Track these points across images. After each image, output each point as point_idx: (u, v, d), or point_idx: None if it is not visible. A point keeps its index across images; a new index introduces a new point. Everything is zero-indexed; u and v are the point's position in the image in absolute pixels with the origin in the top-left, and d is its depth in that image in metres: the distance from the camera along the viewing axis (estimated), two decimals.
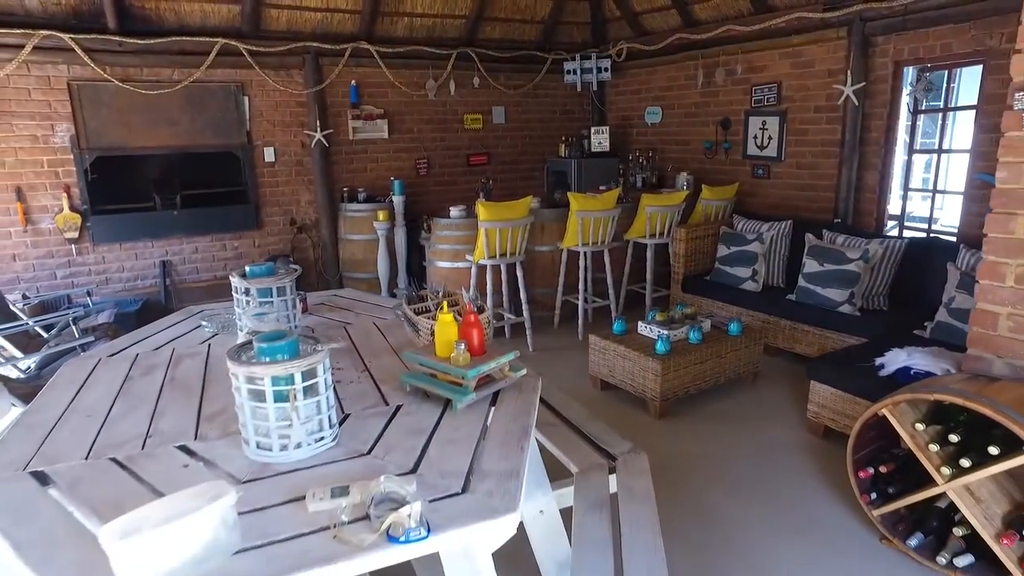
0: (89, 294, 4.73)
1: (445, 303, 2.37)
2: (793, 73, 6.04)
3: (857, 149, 5.56)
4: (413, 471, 1.69)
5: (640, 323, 4.60)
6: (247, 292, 2.68)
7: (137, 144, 6.09)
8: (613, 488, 2.38)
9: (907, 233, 5.64)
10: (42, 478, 1.71)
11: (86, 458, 1.82)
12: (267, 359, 1.70)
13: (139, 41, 5.76)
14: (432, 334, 2.26)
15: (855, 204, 5.66)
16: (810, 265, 4.97)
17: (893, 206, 5.69)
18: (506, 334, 5.68)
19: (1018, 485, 2.69)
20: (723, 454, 3.73)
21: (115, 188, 6.11)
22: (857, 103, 5.45)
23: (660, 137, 7.63)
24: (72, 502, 1.58)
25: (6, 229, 5.71)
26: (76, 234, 5.96)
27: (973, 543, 2.61)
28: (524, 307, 5.51)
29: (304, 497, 1.55)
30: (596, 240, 5.65)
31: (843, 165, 5.65)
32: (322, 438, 1.80)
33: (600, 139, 7.68)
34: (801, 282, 5.02)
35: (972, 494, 2.59)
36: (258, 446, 1.76)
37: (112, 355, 2.72)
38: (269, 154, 6.70)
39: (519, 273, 5.49)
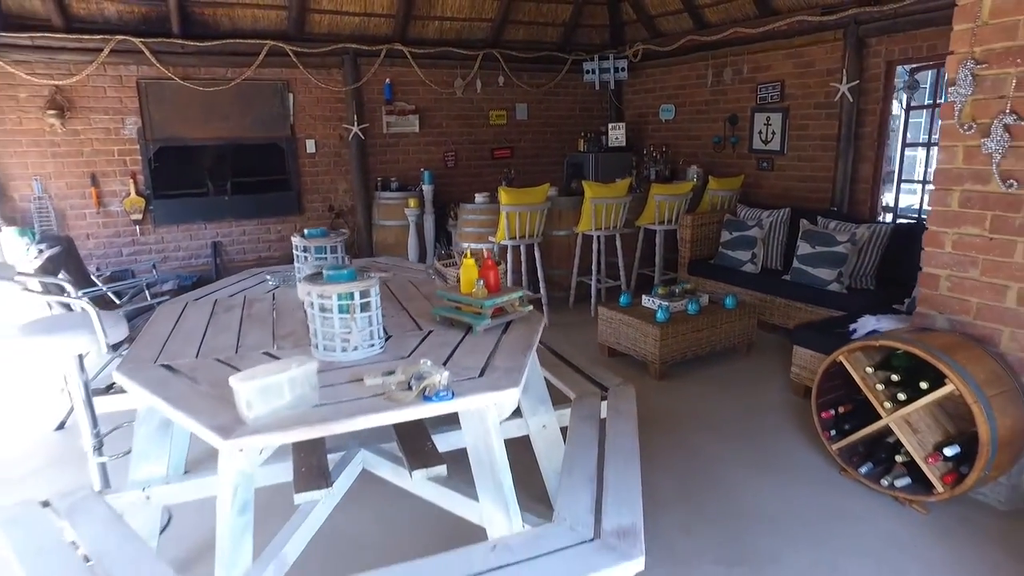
0: (155, 267, 5.36)
1: (468, 252, 2.92)
2: (795, 72, 6.49)
3: (852, 143, 6.00)
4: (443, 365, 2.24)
5: (644, 296, 5.11)
6: (306, 250, 3.26)
7: (194, 136, 6.76)
8: (604, 414, 2.89)
9: (901, 222, 6.05)
10: (169, 368, 2.30)
11: (195, 357, 2.41)
12: (334, 283, 2.27)
13: (198, 43, 6.43)
14: (458, 280, 2.81)
15: (850, 194, 6.09)
16: (803, 247, 5.43)
17: (889, 197, 6.11)
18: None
19: (950, 419, 3.15)
20: (712, 409, 4.22)
21: (174, 175, 6.79)
22: (852, 100, 5.89)
23: (673, 133, 8.12)
24: (194, 381, 2.16)
25: (82, 211, 6.41)
26: (140, 216, 6.65)
27: (912, 469, 3.08)
28: (541, 284, 6.05)
29: (362, 379, 2.11)
30: (608, 225, 6.16)
31: (839, 158, 6.09)
32: (372, 344, 2.36)
33: (617, 134, 8.18)
34: (795, 263, 5.48)
35: (910, 426, 3.06)
36: (325, 348, 2.32)
37: (196, 300, 3.33)
38: (310, 146, 7.34)
39: (536, 253, 6.02)
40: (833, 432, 3.39)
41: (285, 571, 2.28)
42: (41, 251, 4.12)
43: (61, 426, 4.05)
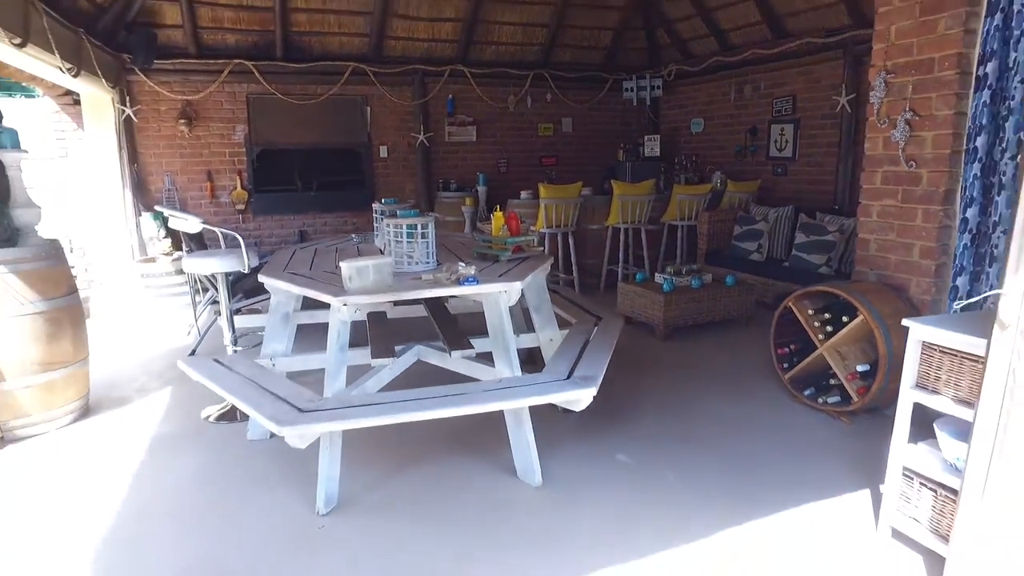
0: (256, 244, 6.66)
1: (498, 207, 3.99)
2: (804, 87, 7.36)
3: (851, 149, 6.81)
4: None
5: (656, 274, 6.07)
6: (383, 213, 4.41)
7: (288, 141, 8.13)
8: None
9: None
10: (294, 273, 3.45)
11: (309, 269, 3.56)
12: (405, 217, 3.38)
13: (296, 65, 7.81)
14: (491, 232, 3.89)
15: (850, 194, 6.89)
16: (799, 237, 6.29)
17: None
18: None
19: (872, 348, 3.99)
20: (704, 362, 5.11)
21: (271, 174, 8.16)
22: (851, 111, 6.72)
23: (702, 143, 9.04)
24: (311, 278, 3.31)
25: (199, 200, 7.83)
26: (243, 207, 8.03)
27: (843, 390, 3.95)
28: (573, 268, 7.07)
29: (420, 277, 3.20)
30: (634, 220, 7.14)
31: (840, 162, 6.91)
32: (428, 262, 3.45)
33: (652, 145, 9.16)
34: (794, 252, 6.33)
35: (840, 354, 3.93)
36: (396, 264, 3.43)
37: (302, 247, 4.52)
38: (383, 151, 8.61)
39: (571, 241, 7.05)
40: (786, 365, 4.28)
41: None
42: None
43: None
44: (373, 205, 4.49)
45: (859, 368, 3.77)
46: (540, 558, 2.58)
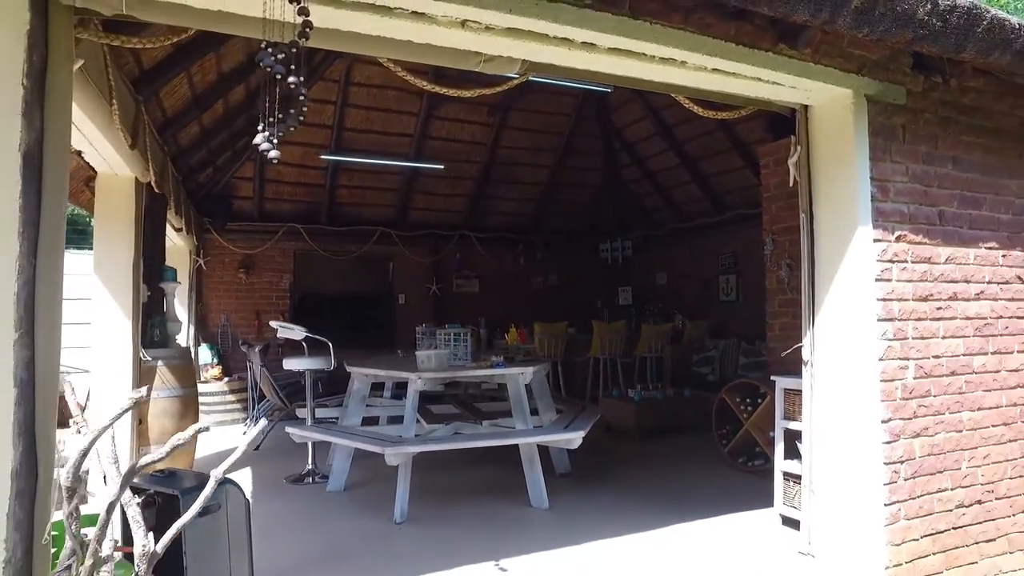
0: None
1: (512, 328, 5.60)
2: (742, 247, 9.35)
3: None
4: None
5: (629, 390, 7.59)
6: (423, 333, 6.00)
7: (325, 289, 9.86)
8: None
9: None
10: (377, 364, 4.97)
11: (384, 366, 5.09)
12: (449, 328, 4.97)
13: (337, 228, 9.75)
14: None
15: None
16: (743, 360, 7.92)
17: None
18: None
19: None
20: (667, 452, 6.49)
21: (310, 315, 9.79)
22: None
23: (667, 292, 10.93)
24: (390, 366, 4.83)
25: (247, 334, 9.37)
26: (283, 343, 9.56)
27: (766, 455, 5.36)
28: (562, 390, 8.56)
29: (464, 367, 4.74)
30: (611, 351, 8.76)
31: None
32: (467, 359, 4.99)
33: (625, 295, 11.04)
34: (739, 371, 7.92)
35: (759, 427, 5.39)
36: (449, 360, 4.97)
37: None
38: (401, 299, 10.36)
39: (559, 369, 8.61)
40: (724, 442, 5.72)
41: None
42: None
43: (257, 448, 6.60)
44: (416, 328, 6.08)
45: (772, 435, 5.23)
46: (551, 544, 3.89)
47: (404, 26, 2.45)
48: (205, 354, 8.85)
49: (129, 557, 1.96)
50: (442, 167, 9.54)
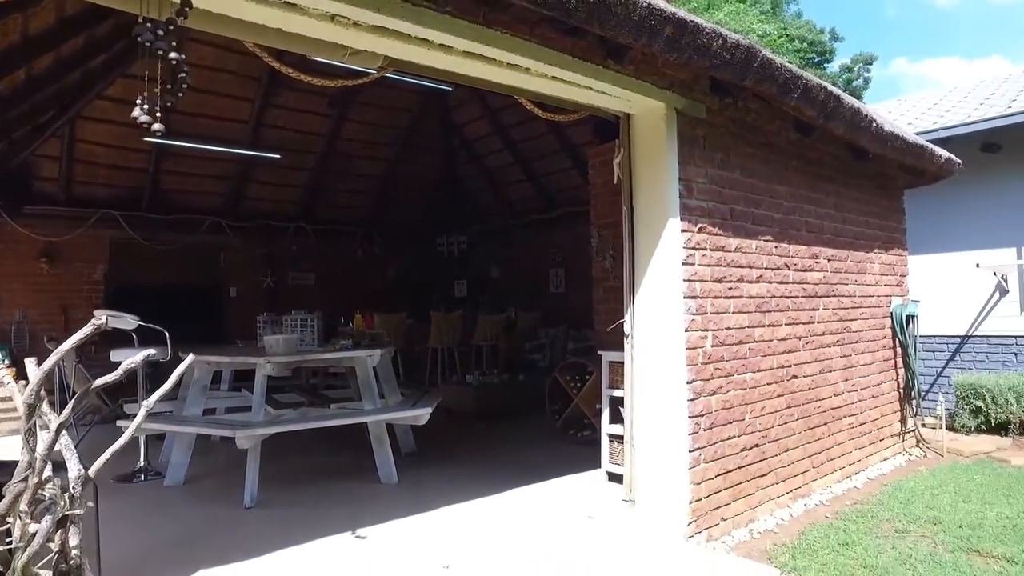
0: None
1: (358, 315, 5.73)
2: (572, 242, 10.11)
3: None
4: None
5: (467, 376, 7.99)
6: (266, 323, 5.92)
7: (146, 280, 9.19)
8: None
9: None
10: (221, 351, 4.86)
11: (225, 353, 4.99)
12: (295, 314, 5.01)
13: (161, 216, 9.13)
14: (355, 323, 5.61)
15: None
16: (571, 346, 8.63)
17: None
18: None
19: None
20: (505, 431, 6.97)
21: (127, 309, 9.06)
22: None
23: (502, 284, 11.51)
24: (234, 353, 4.76)
25: (51, 332, 8.49)
26: (97, 338, 8.78)
27: (593, 426, 5.98)
28: (401, 375, 8.74)
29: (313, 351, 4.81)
30: (448, 341, 9.10)
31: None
32: (315, 343, 5.06)
33: (461, 287, 11.45)
34: (568, 356, 8.61)
35: (587, 402, 6.01)
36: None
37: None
38: (233, 292, 9.93)
39: (399, 358, 8.78)
40: (557, 417, 6.30)
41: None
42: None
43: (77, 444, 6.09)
44: (257, 317, 5.98)
45: (598, 406, 5.87)
46: (404, 513, 4.13)
47: (276, 14, 2.58)
48: None
49: None
50: (279, 156, 9.30)
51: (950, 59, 49.84)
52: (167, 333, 5.28)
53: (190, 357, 2.44)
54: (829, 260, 5.16)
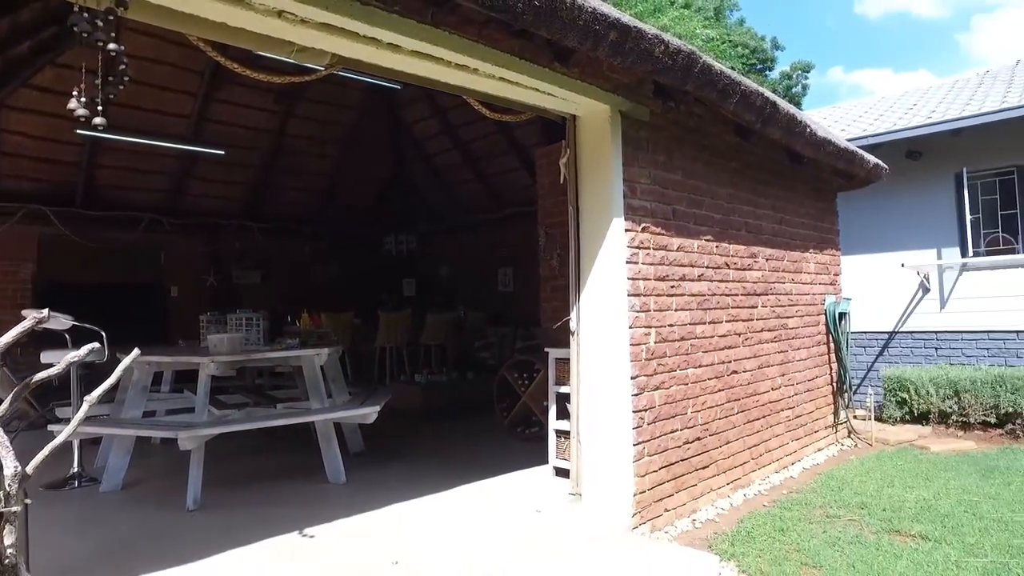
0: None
1: (305, 314, 5.66)
2: (519, 242, 10.18)
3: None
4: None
5: (415, 375, 7.97)
6: (209, 321, 5.79)
7: (79, 280, 8.83)
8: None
9: None
10: (164, 351, 4.74)
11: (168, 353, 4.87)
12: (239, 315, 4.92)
13: (95, 212, 8.80)
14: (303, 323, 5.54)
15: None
16: (519, 344, 8.70)
17: None
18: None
19: None
20: (454, 428, 6.99)
21: (58, 309, 8.70)
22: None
23: (452, 282, 11.51)
24: (178, 353, 4.65)
25: None
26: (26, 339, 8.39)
27: (541, 423, 6.06)
28: (348, 375, 8.66)
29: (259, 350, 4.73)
30: (397, 340, 9.06)
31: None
32: (260, 342, 4.98)
33: (409, 286, 11.40)
34: (516, 355, 8.68)
35: (535, 399, 6.09)
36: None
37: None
38: (174, 291, 9.64)
39: (346, 357, 8.70)
40: (505, 414, 6.35)
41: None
42: None
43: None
44: (200, 317, 5.84)
45: (545, 403, 5.95)
46: (353, 511, 4.11)
47: (221, 8, 2.55)
48: None
49: None
50: (223, 152, 9.06)
51: (883, 71, 52.21)
52: (103, 334, 5.11)
53: (135, 352, 2.37)
54: (767, 259, 5.37)
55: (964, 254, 7.46)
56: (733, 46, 22.17)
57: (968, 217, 7.37)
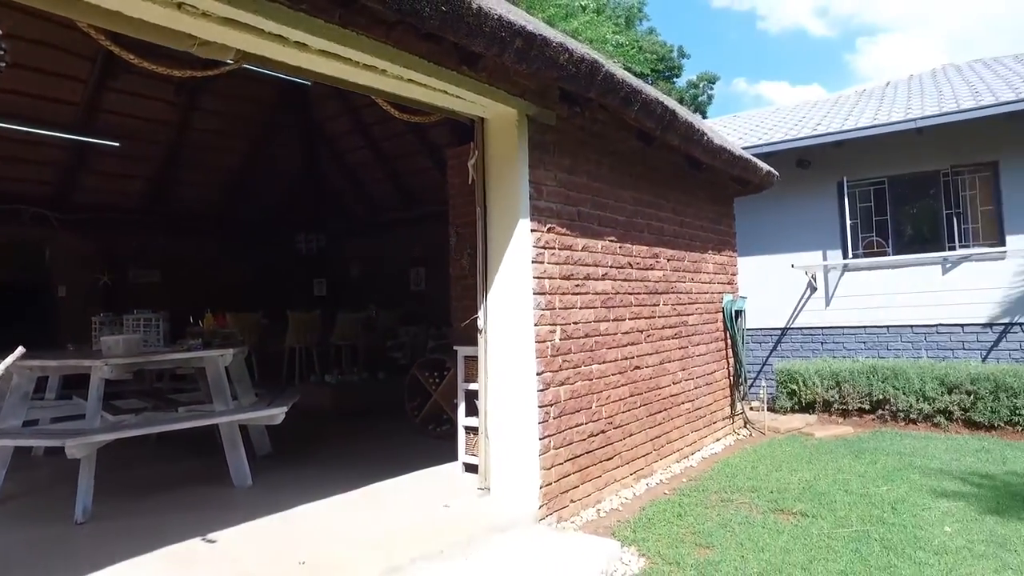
0: None
1: (208, 313, 5.47)
2: (432, 241, 10.18)
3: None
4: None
5: (326, 375, 7.85)
6: (102, 323, 5.50)
7: None
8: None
9: None
10: (47, 355, 4.46)
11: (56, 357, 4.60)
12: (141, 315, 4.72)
13: None
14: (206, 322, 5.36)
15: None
16: (431, 344, 8.70)
17: None
18: None
19: None
20: (366, 428, 6.93)
21: None
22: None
23: (363, 282, 11.36)
24: (66, 359, 4.40)
25: None
26: None
27: (452, 420, 6.11)
28: (255, 376, 8.42)
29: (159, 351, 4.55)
30: (306, 340, 8.88)
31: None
32: (160, 343, 4.79)
33: (320, 286, 11.18)
34: (427, 354, 8.69)
35: (445, 397, 6.13)
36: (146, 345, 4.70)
37: None
38: (62, 291, 9.05)
39: (253, 359, 8.45)
40: (416, 413, 6.37)
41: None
42: None
43: None
44: (93, 319, 5.54)
45: (456, 401, 6.01)
46: (258, 515, 4.03)
47: None
48: None
49: None
50: (117, 144, 8.59)
51: (780, 83, 55.34)
52: None
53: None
54: (669, 260, 5.65)
55: (845, 256, 8.10)
56: (642, 52, 22.95)
57: (848, 222, 8.01)
